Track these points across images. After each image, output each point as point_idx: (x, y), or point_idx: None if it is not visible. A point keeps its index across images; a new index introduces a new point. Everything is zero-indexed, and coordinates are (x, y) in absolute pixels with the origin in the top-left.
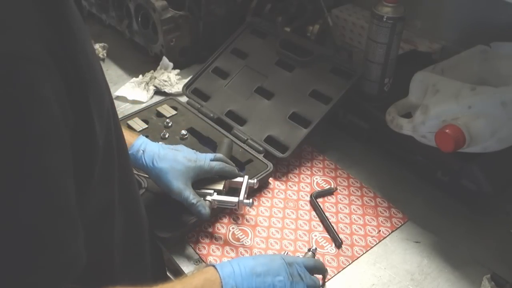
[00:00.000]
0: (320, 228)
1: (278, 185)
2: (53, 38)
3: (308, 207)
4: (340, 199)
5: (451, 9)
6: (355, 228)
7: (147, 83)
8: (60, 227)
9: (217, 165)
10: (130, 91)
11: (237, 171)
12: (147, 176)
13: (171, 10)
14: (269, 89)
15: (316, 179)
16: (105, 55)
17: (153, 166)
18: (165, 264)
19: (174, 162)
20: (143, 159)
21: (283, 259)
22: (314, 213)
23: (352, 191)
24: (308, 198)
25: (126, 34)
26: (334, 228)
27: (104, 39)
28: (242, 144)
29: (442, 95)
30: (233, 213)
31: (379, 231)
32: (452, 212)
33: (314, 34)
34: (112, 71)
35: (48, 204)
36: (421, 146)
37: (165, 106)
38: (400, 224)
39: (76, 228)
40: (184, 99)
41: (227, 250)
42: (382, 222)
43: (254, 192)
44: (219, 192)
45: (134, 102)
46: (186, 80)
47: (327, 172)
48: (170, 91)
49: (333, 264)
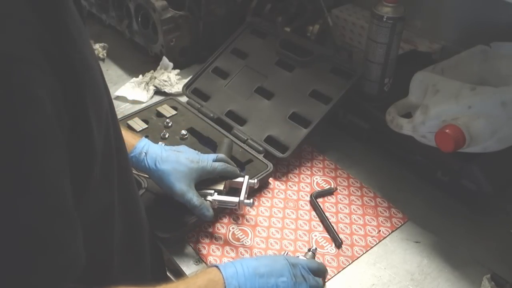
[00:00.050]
0: (320, 228)
1: (278, 185)
2: (48, 39)
3: (308, 207)
4: (340, 199)
5: (451, 9)
6: (355, 228)
7: (147, 83)
8: (58, 227)
9: (219, 165)
10: (130, 91)
11: (238, 172)
12: (148, 176)
13: (171, 10)
14: (269, 89)
15: (316, 179)
16: (105, 55)
17: (155, 168)
18: (165, 264)
19: (176, 164)
20: (146, 161)
21: (287, 260)
22: (314, 213)
23: (352, 191)
24: (308, 198)
25: (126, 34)
26: (334, 228)
27: (104, 39)
28: (242, 144)
29: (442, 95)
30: (233, 213)
31: (379, 231)
32: (452, 212)
33: (314, 34)
34: (112, 71)
35: (45, 204)
36: (421, 146)
37: (165, 106)
38: (400, 224)
39: (75, 228)
40: (184, 99)
41: (227, 250)
42: (382, 222)
43: (254, 192)
44: (219, 192)
45: (134, 102)
46: (186, 80)
47: (327, 172)
48: (170, 91)
49: (333, 264)
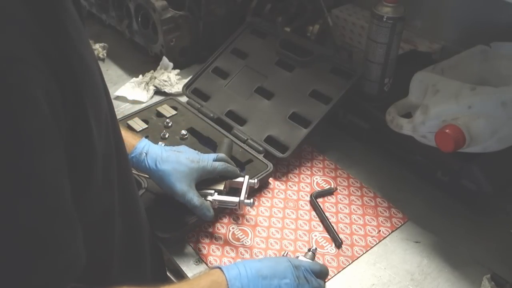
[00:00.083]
0: (320, 228)
1: (278, 185)
2: (46, 40)
3: (308, 207)
4: (340, 199)
5: (451, 9)
6: (355, 228)
7: (147, 83)
8: (57, 227)
9: (220, 165)
10: (130, 91)
11: (238, 172)
12: (148, 177)
13: (171, 10)
14: (269, 89)
15: (316, 179)
16: (105, 55)
17: (156, 169)
18: (165, 264)
19: (177, 164)
20: (146, 162)
21: (290, 261)
22: (314, 213)
23: (352, 191)
24: (308, 198)
25: (126, 34)
26: (334, 228)
27: (104, 39)
28: (242, 144)
29: (442, 95)
30: (233, 213)
31: (379, 231)
32: (452, 212)
33: (314, 34)
34: (112, 71)
35: (43, 204)
36: (421, 146)
37: (165, 106)
38: (400, 224)
39: (74, 228)
40: (184, 99)
41: (227, 250)
42: (382, 222)
43: (254, 192)
44: (220, 192)
45: (134, 102)
46: (186, 80)
47: (327, 172)
48: (170, 91)
49: (333, 264)
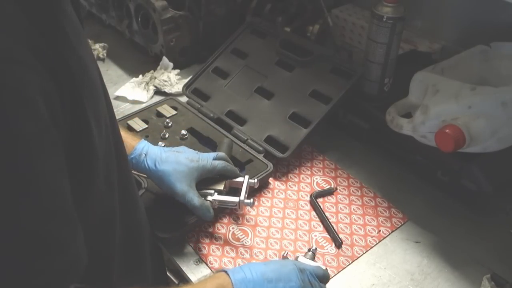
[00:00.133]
0: (320, 228)
1: (278, 185)
2: (42, 41)
3: (308, 207)
4: (340, 199)
5: (451, 9)
6: (355, 228)
7: (147, 83)
8: (57, 227)
9: (219, 164)
10: (130, 91)
11: (238, 171)
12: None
13: (171, 10)
14: (269, 89)
15: (316, 179)
16: (105, 55)
17: (155, 169)
18: (165, 264)
19: (176, 164)
20: (146, 162)
21: (295, 265)
22: (314, 213)
23: (352, 191)
24: (308, 198)
25: (126, 34)
26: (334, 228)
27: (104, 39)
28: (242, 144)
29: (442, 95)
30: (233, 213)
31: (379, 231)
32: (452, 212)
33: (314, 34)
34: (112, 71)
35: (43, 205)
36: (421, 146)
37: (165, 106)
38: (400, 224)
39: (75, 228)
40: (184, 99)
41: (227, 250)
42: (382, 222)
43: (254, 192)
44: (219, 192)
45: (134, 102)
46: (186, 80)
47: (327, 172)
48: (170, 91)
49: (333, 264)
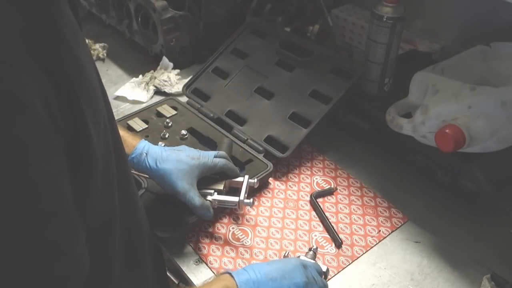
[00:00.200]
0: (320, 228)
1: (278, 185)
2: (40, 44)
3: (308, 207)
4: (340, 199)
5: (451, 9)
6: (355, 228)
7: (147, 83)
8: (59, 230)
9: (220, 161)
10: (130, 91)
11: (238, 171)
12: (149, 177)
13: (171, 10)
14: (269, 89)
15: (316, 179)
16: (105, 55)
17: (156, 168)
18: (165, 264)
19: (177, 163)
20: (147, 162)
21: (299, 261)
22: (314, 213)
23: (352, 191)
24: (308, 198)
25: (126, 34)
26: (334, 228)
27: (104, 39)
28: (242, 144)
29: (442, 95)
30: (233, 213)
31: (379, 231)
32: (452, 212)
33: (314, 34)
34: (112, 71)
35: (43, 208)
36: (421, 146)
37: (165, 106)
38: (400, 224)
39: (76, 231)
40: (184, 99)
41: (227, 250)
42: (382, 222)
43: (254, 192)
44: (219, 192)
45: (134, 102)
46: (186, 80)
47: (327, 172)
48: (170, 91)
49: (333, 264)
